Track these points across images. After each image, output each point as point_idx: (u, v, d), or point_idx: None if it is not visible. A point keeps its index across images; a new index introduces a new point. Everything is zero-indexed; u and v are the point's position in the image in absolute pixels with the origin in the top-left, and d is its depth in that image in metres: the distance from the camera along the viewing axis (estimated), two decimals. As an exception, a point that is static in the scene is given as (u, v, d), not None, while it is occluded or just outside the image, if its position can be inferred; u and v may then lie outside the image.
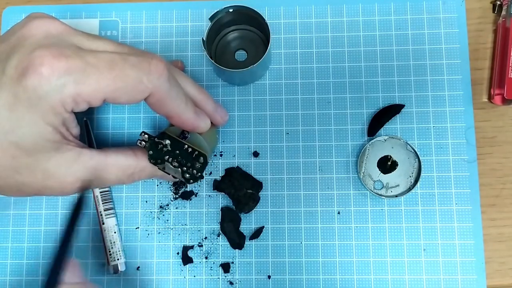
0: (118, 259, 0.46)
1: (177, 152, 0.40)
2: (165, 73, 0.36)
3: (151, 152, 0.40)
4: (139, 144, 0.40)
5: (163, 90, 0.36)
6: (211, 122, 0.43)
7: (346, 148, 0.48)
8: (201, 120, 0.41)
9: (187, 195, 0.48)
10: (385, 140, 0.47)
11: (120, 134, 0.50)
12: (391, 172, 0.47)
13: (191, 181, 0.40)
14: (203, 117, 0.42)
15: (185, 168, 0.40)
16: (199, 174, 0.40)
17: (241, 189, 0.47)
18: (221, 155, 0.49)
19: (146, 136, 0.40)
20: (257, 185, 0.47)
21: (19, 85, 0.32)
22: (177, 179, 0.41)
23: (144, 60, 0.36)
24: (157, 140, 0.40)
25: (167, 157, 0.40)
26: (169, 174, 0.41)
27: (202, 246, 0.47)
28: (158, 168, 0.40)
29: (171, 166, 0.40)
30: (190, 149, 0.40)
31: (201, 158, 0.40)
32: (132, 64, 0.35)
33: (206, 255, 0.47)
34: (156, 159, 0.40)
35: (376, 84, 0.49)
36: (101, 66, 0.34)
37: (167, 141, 0.40)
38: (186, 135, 0.42)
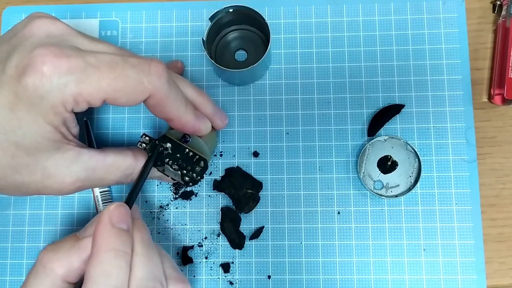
0: (118, 259, 0.46)
1: (178, 155, 0.40)
2: (164, 75, 0.36)
3: (151, 154, 0.40)
4: (140, 146, 0.40)
5: (163, 91, 0.36)
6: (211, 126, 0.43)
7: (346, 148, 0.48)
8: (201, 123, 0.41)
9: (187, 195, 0.48)
10: (385, 140, 0.47)
11: (120, 134, 0.50)
12: (391, 172, 0.47)
13: (191, 184, 0.40)
14: (203, 119, 0.42)
15: (185, 172, 0.40)
16: (199, 177, 0.40)
17: (241, 189, 0.47)
18: (221, 155, 0.49)
19: (147, 138, 0.40)
20: (257, 185, 0.47)
21: (19, 84, 0.32)
22: (176, 180, 0.41)
23: (144, 61, 0.36)
24: (158, 143, 0.40)
25: (167, 160, 0.40)
26: (168, 176, 0.41)
27: (202, 246, 0.47)
28: (158, 170, 0.40)
29: (171, 169, 0.40)
30: (191, 153, 0.40)
31: (202, 162, 0.40)
32: (133, 65, 0.35)
33: (206, 255, 0.47)
34: (156, 161, 0.40)
35: (376, 84, 0.49)
36: (102, 66, 0.34)
37: (168, 144, 0.40)
38: (188, 139, 0.42)
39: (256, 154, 0.48)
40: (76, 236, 0.35)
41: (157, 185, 0.48)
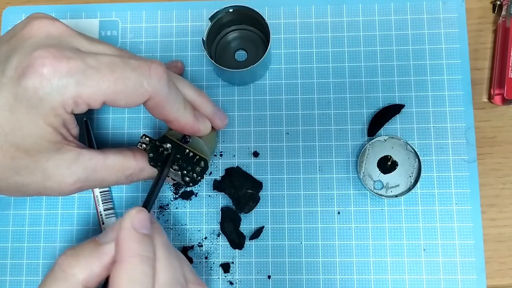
0: (118, 259, 0.46)
1: (178, 156, 0.40)
2: (164, 77, 0.36)
3: (151, 155, 0.40)
4: (140, 147, 0.40)
5: (163, 93, 0.36)
6: (211, 126, 0.43)
7: (346, 148, 0.48)
8: (200, 124, 0.41)
9: (187, 195, 0.48)
10: (385, 140, 0.47)
11: (120, 134, 0.50)
12: (391, 172, 0.47)
13: (191, 184, 0.40)
14: (202, 120, 0.42)
15: (185, 172, 0.40)
16: (199, 177, 0.40)
17: (241, 189, 0.47)
18: (221, 155, 0.49)
19: (147, 139, 0.40)
20: (257, 185, 0.47)
21: (19, 86, 0.32)
22: (176, 181, 0.41)
23: (144, 63, 0.36)
24: (158, 144, 0.40)
25: None
26: (168, 176, 0.41)
27: (202, 246, 0.47)
28: (158, 171, 0.40)
29: (171, 169, 0.40)
30: (191, 154, 0.40)
31: (202, 162, 0.40)
32: (133, 67, 0.35)
33: (206, 255, 0.47)
34: (156, 162, 0.40)
35: (376, 84, 0.49)
36: (102, 68, 0.34)
37: (168, 145, 0.40)
38: (188, 139, 0.42)
39: (256, 154, 0.48)
40: (96, 241, 0.34)
41: (157, 185, 0.48)
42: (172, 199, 0.48)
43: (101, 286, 0.34)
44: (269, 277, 0.46)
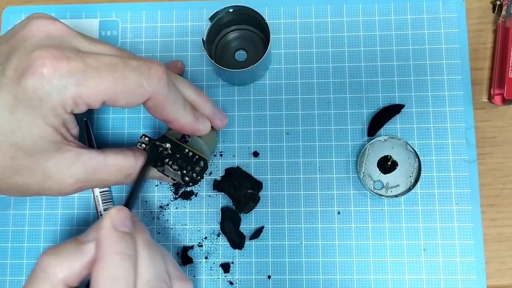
0: (118, 259, 0.46)
1: (177, 155, 0.40)
2: (164, 77, 0.36)
3: (151, 154, 0.40)
4: (139, 147, 0.40)
5: (162, 94, 0.36)
6: (211, 126, 0.43)
7: (346, 148, 0.48)
8: (200, 123, 0.41)
9: (187, 195, 0.48)
10: (385, 140, 0.47)
11: (120, 134, 0.50)
12: (391, 172, 0.47)
13: (191, 184, 0.40)
14: (202, 120, 0.42)
15: (185, 172, 0.40)
16: (199, 177, 0.40)
17: (241, 189, 0.47)
18: (221, 155, 0.49)
19: (146, 139, 0.40)
20: (257, 185, 0.47)
21: (19, 86, 0.32)
22: (176, 181, 0.41)
23: (144, 64, 0.36)
24: (158, 143, 0.40)
25: (167, 160, 0.40)
26: (168, 176, 0.41)
27: (202, 246, 0.47)
28: (158, 171, 0.41)
29: (170, 169, 0.40)
30: (190, 153, 0.40)
31: (201, 162, 0.40)
32: (133, 68, 0.35)
33: (206, 255, 0.47)
34: (156, 161, 0.40)
35: (376, 84, 0.49)
36: (102, 69, 0.34)
37: (168, 145, 0.40)
38: (187, 139, 0.42)
39: (256, 154, 0.48)
40: (78, 241, 0.34)
41: (157, 185, 0.48)
42: (172, 199, 0.48)
43: (85, 285, 0.34)
44: (269, 277, 0.46)
